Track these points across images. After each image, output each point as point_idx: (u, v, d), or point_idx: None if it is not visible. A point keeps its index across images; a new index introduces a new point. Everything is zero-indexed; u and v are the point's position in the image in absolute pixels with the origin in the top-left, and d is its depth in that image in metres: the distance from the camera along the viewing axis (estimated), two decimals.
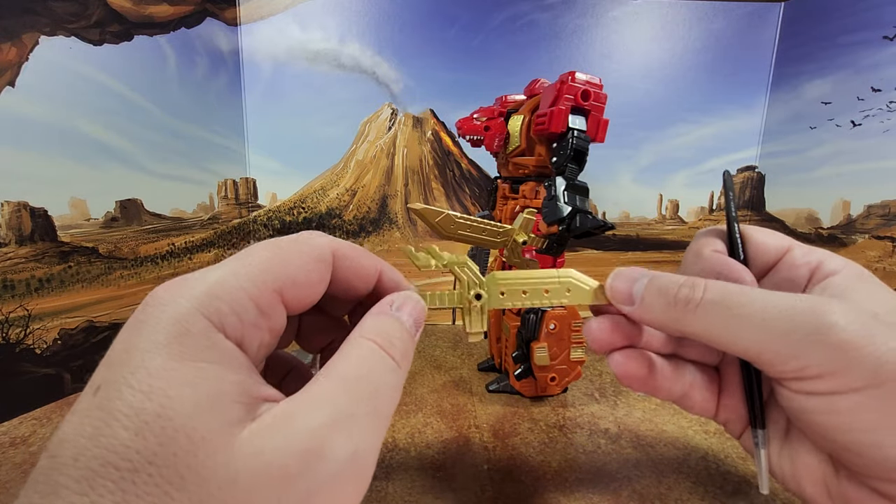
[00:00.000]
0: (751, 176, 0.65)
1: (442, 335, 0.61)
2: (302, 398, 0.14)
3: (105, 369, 0.13)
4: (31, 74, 0.39)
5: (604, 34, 0.61)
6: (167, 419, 0.12)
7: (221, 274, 0.14)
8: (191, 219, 0.58)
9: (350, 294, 0.19)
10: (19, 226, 0.39)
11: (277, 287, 0.15)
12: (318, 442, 0.13)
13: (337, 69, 0.62)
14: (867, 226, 0.52)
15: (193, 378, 0.12)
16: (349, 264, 0.18)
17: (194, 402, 0.12)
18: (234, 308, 0.14)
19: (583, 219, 0.33)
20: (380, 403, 0.15)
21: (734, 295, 0.18)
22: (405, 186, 0.66)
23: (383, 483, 0.30)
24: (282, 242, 0.16)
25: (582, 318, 0.40)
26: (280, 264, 0.16)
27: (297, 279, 0.16)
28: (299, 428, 0.13)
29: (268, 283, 0.15)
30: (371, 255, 0.19)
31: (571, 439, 0.36)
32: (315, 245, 0.17)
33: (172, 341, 0.13)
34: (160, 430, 0.11)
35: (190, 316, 0.13)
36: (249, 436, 0.13)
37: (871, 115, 0.50)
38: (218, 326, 0.14)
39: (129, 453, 0.11)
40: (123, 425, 0.11)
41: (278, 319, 0.16)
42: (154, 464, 0.11)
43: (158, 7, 0.50)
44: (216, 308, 0.14)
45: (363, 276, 0.19)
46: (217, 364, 0.13)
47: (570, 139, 0.36)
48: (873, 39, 0.50)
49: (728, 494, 0.30)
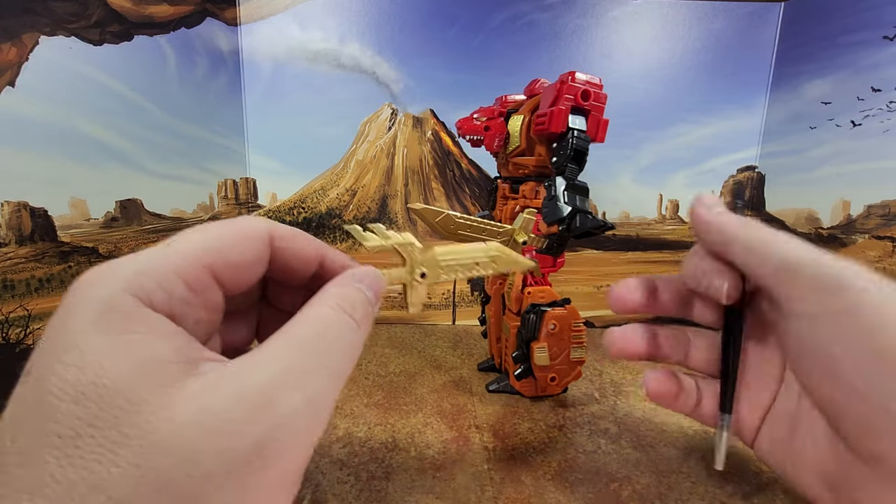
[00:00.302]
0: (751, 176, 0.65)
1: (442, 335, 0.61)
2: (253, 356, 0.14)
3: (37, 356, 0.13)
4: (31, 74, 0.39)
5: (604, 34, 0.61)
6: (104, 387, 0.12)
7: (149, 254, 0.15)
8: (191, 219, 0.58)
9: (293, 278, 0.19)
10: (19, 226, 0.39)
11: (207, 264, 0.16)
12: (267, 395, 0.13)
13: (337, 69, 0.62)
14: (867, 226, 0.52)
15: (126, 348, 0.13)
16: (288, 245, 0.18)
17: (129, 369, 0.12)
18: (161, 284, 0.14)
19: (583, 219, 0.34)
20: (336, 360, 0.16)
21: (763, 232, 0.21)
22: (405, 186, 0.66)
23: (383, 483, 0.30)
24: (214, 223, 0.17)
25: (582, 318, 0.40)
26: (211, 242, 0.16)
27: (229, 257, 0.16)
28: (249, 383, 0.13)
29: (197, 260, 0.15)
30: (313, 239, 0.20)
31: (571, 439, 0.36)
32: (249, 225, 0.17)
33: (101, 318, 0.13)
34: (98, 397, 0.12)
35: (117, 294, 0.13)
36: (195, 392, 0.13)
37: (871, 115, 0.50)
38: (146, 302, 0.14)
39: (69, 421, 0.11)
40: (59, 398, 0.11)
41: (212, 297, 0.16)
42: (95, 426, 0.11)
43: (158, 7, 0.50)
44: (141, 284, 0.14)
45: (304, 258, 0.19)
46: (147, 334, 0.13)
47: (570, 139, 0.36)
48: (873, 39, 0.50)
49: (728, 494, 0.30)
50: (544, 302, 0.40)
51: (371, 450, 0.34)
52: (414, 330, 0.64)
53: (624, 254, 0.68)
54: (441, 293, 0.67)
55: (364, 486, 0.30)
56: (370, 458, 0.33)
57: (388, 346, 0.57)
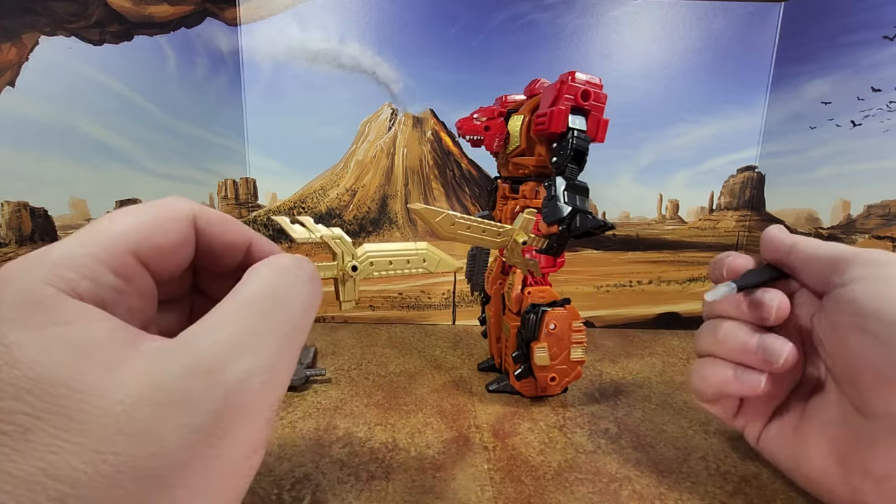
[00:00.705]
0: (751, 176, 0.65)
1: (442, 335, 0.61)
2: (199, 325, 0.14)
3: None
4: (31, 74, 0.39)
5: (604, 34, 0.61)
6: (43, 379, 0.11)
7: (67, 244, 0.14)
8: None
9: (221, 264, 0.19)
10: (19, 226, 0.40)
11: (131, 249, 0.15)
12: (218, 361, 0.13)
13: (337, 69, 0.62)
14: (867, 226, 0.52)
15: (55, 337, 0.12)
16: (214, 229, 0.18)
17: (64, 357, 0.12)
18: (85, 273, 0.14)
19: (583, 219, 0.33)
20: (288, 317, 0.16)
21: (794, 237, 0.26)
22: (405, 186, 0.66)
23: (383, 483, 0.30)
24: (134, 206, 0.16)
25: (582, 318, 0.40)
26: (132, 226, 0.15)
27: (153, 240, 0.16)
28: (196, 351, 0.13)
29: (119, 246, 0.15)
30: (240, 224, 0.19)
31: (571, 439, 0.36)
32: (171, 207, 0.17)
33: (23, 314, 0.12)
34: (40, 390, 0.11)
35: (35, 287, 0.13)
36: (141, 369, 0.12)
37: (871, 115, 0.50)
38: (69, 293, 0.13)
39: (13, 417, 0.11)
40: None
41: (142, 282, 0.16)
42: (43, 419, 0.11)
43: (158, 7, 0.50)
44: (61, 276, 0.13)
45: (231, 243, 0.19)
46: (76, 323, 0.13)
47: (570, 139, 0.36)
48: (873, 39, 0.50)
49: (728, 494, 0.30)
50: (544, 302, 0.40)
51: (371, 450, 0.34)
52: (414, 330, 0.64)
53: (624, 254, 0.68)
54: (441, 293, 0.67)
55: (364, 486, 0.30)
56: (370, 458, 0.33)
57: (388, 346, 0.57)
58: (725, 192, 0.66)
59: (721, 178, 0.66)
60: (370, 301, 0.68)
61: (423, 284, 0.67)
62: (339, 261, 0.23)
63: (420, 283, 0.67)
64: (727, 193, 0.66)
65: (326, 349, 0.56)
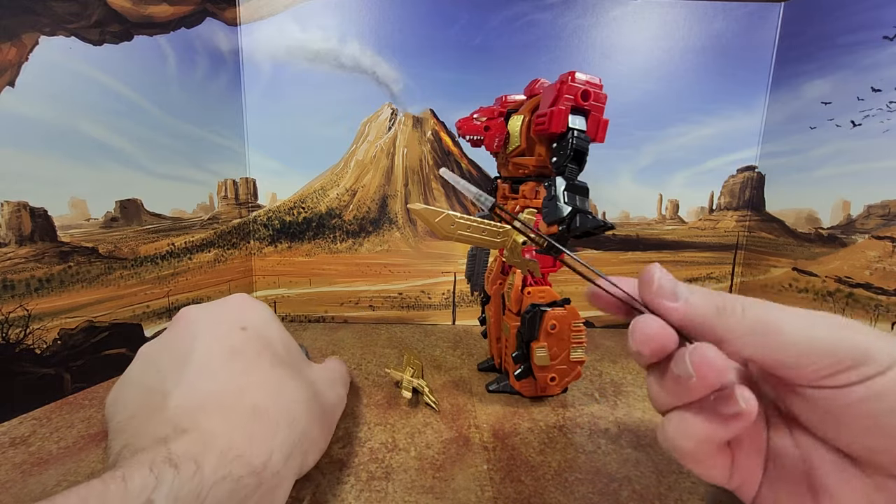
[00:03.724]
0: (751, 176, 0.65)
1: (442, 335, 0.61)
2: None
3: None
4: (31, 74, 0.39)
5: (604, 34, 0.61)
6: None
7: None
8: (191, 219, 0.58)
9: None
10: (19, 226, 0.39)
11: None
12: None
13: (337, 69, 0.62)
14: (867, 226, 0.52)
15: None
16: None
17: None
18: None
19: (583, 219, 0.34)
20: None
21: (774, 315, 0.20)
22: (405, 186, 0.66)
23: (383, 483, 0.30)
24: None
25: (582, 318, 0.40)
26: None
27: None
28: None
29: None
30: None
31: (571, 439, 0.36)
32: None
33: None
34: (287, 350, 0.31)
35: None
36: (313, 371, 0.33)
37: (871, 115, 0.50)
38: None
39: (256, 347, 0.29)
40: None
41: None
42: (286, 364, 0.30)
43: (158, 7, 0.50)
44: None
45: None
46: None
47: (570, 139, 0.36)
48: (873, 39, 0.50)
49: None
50: (544, 302, 0.40)
51: (371, 450, 0.34)
52: (414, 330, 0.64)
53: (624, 254, 0.68)
54: (441, 293, 0.67)
55: (364, 486, 0.30)
56: (370, 458, 0.33)
57: (388, 346, 0.57)
58: (725, 192, 0.66)
59: (721, 178, 0.66)
60: (370, 301, 0.68)
61: (423, 284, 0.67)
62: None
63: (420, 283, 0.67)
64: (727, 193, 0.66)
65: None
